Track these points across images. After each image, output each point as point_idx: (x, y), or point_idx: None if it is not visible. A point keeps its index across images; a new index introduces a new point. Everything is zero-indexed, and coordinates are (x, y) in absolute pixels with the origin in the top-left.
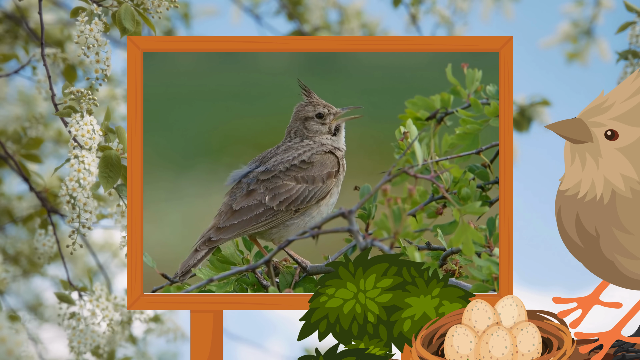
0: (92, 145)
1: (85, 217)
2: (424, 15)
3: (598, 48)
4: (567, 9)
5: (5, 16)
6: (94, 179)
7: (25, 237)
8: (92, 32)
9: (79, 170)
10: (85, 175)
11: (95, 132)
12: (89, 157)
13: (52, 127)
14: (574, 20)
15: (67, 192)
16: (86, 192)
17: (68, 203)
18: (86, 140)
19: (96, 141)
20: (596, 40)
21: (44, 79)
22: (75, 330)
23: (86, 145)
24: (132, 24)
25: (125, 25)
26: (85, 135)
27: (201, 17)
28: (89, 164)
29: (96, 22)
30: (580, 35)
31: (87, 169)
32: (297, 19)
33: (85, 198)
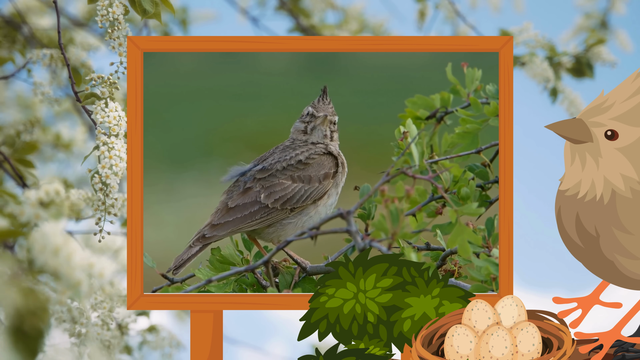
0: (119, 131)
1: (110, 203)
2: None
3: (617, 39)
4: (580, 2)
5: (3, 21)
6: (124, 165)
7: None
8: (114, 14)
9: (110, 157)
10: (117, 162)
11: (121, 118)
12: (118, 143)
13: (50, 132)
14: (587, 13)
15: (100, 179)
16: (118, 178)
17: (101, 190)
18: (113, 126)
19: (123, 128)
20: (614, 32)
21: (40, 82)
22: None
23: (113, 132)
24: (151, 5)
25: (145, 6)
26: (112, 122)
27: (198, 22)
28: (119, 150)
29: (117, 5)
30: (596, 27)
31: (118, 155)
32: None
33: (117, 184)
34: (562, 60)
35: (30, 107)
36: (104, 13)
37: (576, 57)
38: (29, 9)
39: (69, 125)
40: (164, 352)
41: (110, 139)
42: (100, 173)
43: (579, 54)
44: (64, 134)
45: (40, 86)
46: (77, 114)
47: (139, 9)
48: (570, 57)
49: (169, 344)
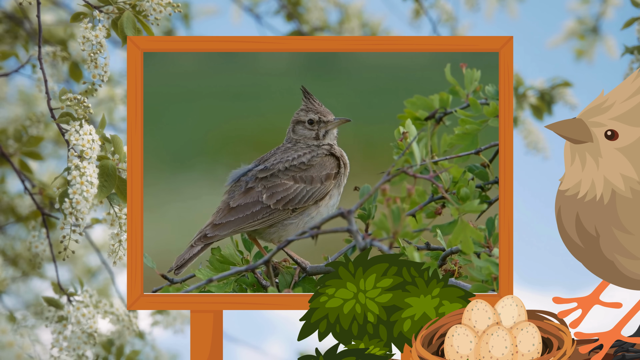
0: (92, 155)
1: (77, 224)
2: (428, 9)
3: (605, 45)
4: (572, 7)
5: (5, 16)
6: (95, 190)
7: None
8: (97, 38)
9: (81, 182)
10: (88, 188)
11: (94, 142)
12: (90, 168)
13: (51, 128)
14: (579, 18)
15: (71, 204)
16: (88, 203)
17: (71, 215)
18: (87, 150)
19: (95, 151)
20: (603, 38)
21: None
22: (60, 336)
23: (86, 155)
24: (133, 31)
25: (126, 33)
26: (86, 146)
27: (201, 17)
28: (90, 175)
29: (100, 29)
30: (587, 32)
31: (89, 180)
32: (297, 19)
33: (87, 209)
34: (527, 94)
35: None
36: (87, 35)
37: (541, 92)
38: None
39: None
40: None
41: (82, 163)
42: (71, 198)
43: (545, 90)
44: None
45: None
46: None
47: (121, 35)
48: (535, 92)
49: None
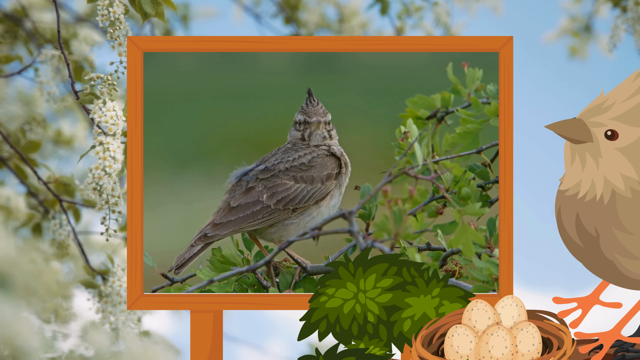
0: (116, 130)
1: (113, 201)
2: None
3: (599, 44)
4: (565, 5)
5: (5, 16)
6: (119, 166)
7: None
8: (115, 13)
9: (104, 158)
10: (111, 163)
11: (118, 117)
12: (114, 143)
13: (51, 128)
14: (573, 16)
15: (94, 180)
16: (112, 179)
17: (94, 190)
18: (110, 126)
19: (120, 127)
20: (596, 37)
21: (47, 81)
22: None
23: (110, 131)
24: (152, 7)
25: (145, 10)
26: (109, 122)
27: (200, 18)
28: (114, 151)
29: (117, 4)
30: (580, 30)
31: (112, 156)
32: (295, 22)
33: (112, 184)
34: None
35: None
36: (105, 13)
37: None
38: (31, 5)
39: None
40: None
41: (106, 139)
42: (94, 174)
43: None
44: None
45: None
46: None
47: (140, 12)
48: None
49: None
